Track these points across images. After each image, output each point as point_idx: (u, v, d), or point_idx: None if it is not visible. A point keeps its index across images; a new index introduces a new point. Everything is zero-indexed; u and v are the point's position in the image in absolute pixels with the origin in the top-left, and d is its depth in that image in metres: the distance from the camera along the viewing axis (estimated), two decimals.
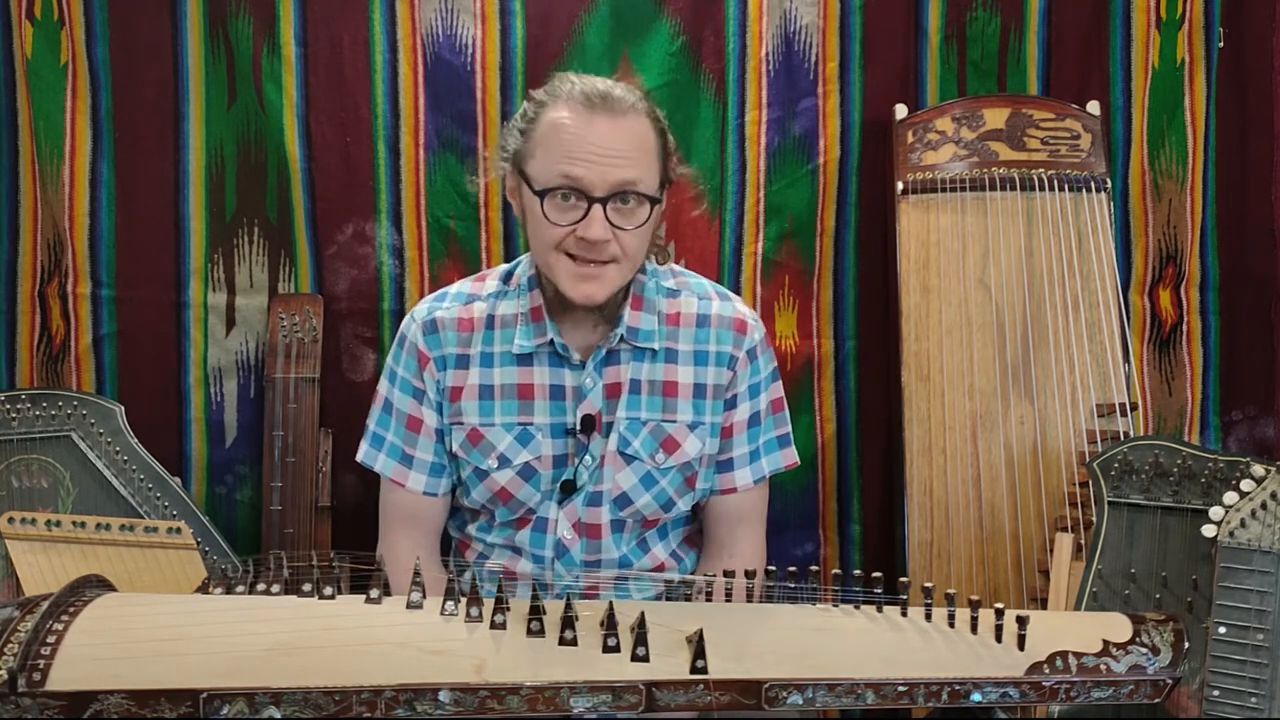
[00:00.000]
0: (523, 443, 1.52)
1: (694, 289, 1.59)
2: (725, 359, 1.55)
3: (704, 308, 1.57)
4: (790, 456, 1.63)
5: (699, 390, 1.54)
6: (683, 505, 1.57)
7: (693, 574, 1.64)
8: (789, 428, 1.63)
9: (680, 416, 1.54)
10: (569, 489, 1.53)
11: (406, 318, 1.59)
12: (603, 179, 1.38)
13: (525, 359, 1.53)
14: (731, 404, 1.57)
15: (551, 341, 1.51)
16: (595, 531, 1.55)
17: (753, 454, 1.59)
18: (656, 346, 1.53)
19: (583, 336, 1.53)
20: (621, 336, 1.51)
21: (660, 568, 1.60)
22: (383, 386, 1.59)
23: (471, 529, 1.61)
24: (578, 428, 1.51)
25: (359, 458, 1.60)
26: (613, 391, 1.53)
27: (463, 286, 1.60)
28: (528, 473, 1.53)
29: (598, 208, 1.38)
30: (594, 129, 1.38)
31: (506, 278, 1.59)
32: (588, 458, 1.52)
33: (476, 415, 1.53)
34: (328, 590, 1.15)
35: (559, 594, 1.51)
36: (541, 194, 1.40)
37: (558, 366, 1.53)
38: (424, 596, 1.13)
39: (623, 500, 1.54)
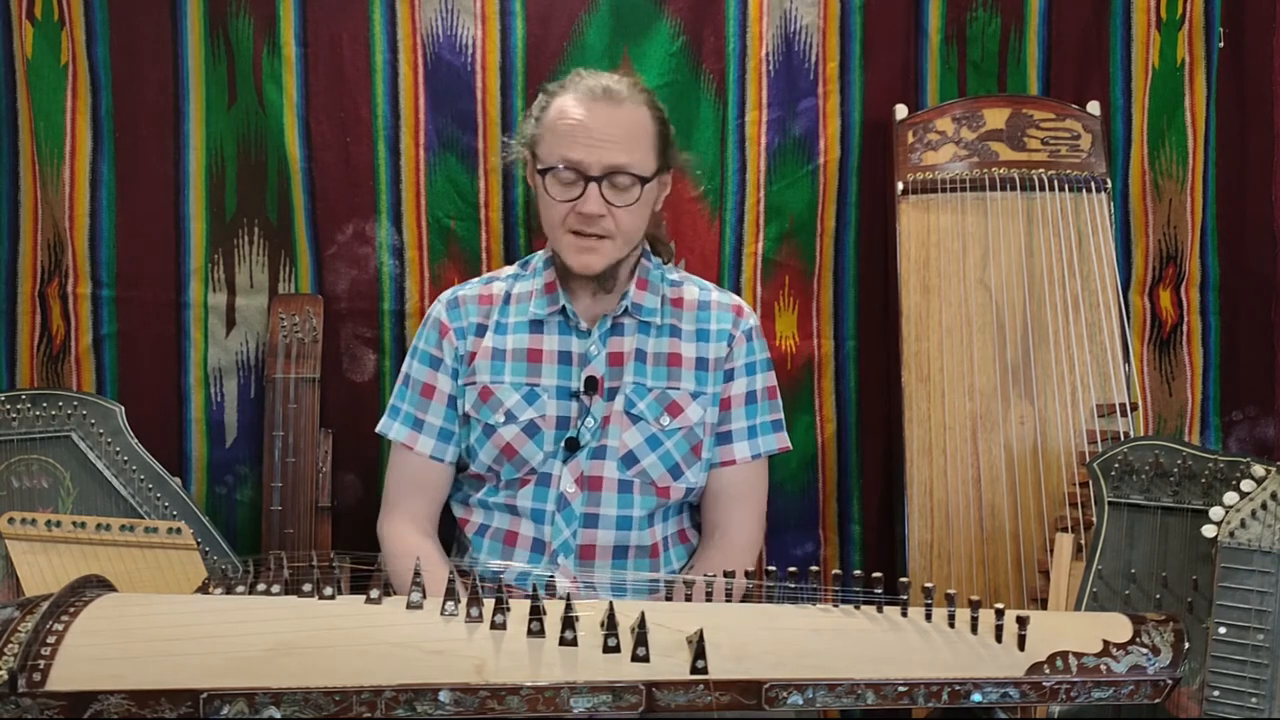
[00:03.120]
0: (529, 401, 1.63)
1: (695, 282, 1.75)
2: (724, 335, 1.68)
3: (704, 295, 1.72)
4: (783, 440, 1.72)
5: (701, 363, 1.67)
6: (691, 475, 1.64)
7: (689, 561, 1.69)
8: (782, 415, 1.73)
9: (684, 385, 1.65)
10: (572, 446, 1.61)
11: (434, 302, 1.73)
12: (598, 160, 1.54)
13: (537, 325, 1.66)
14: (729, 376, 1.68)
15: (563, 309, 1.65)
16: (597, 484, 1.62)
17: (750, 430, 1.68)
18: (659, 321, 1.67)
19: (590, 307, 1.66)
20: (626, 309, 1.65)
21: (654, 549, 1.64)
22: (406, 364, 1.72)
23: (474, 497, 1.68)
24: (581, 389, 1.61)
25: (377, 429, 1.71)
26: (615, 360, 1.65)
27: (484, 275, 1.77)
28: (532, 430, 1.61)
29: (594, 185, 1.54)
30: (594, 116, 1.55)
31: (524, 265, 1.75)
32: (589, 419, 1.60)
33: (488, 374, 1.65)
34: (328, 590, 1.15)
35: (554, 553, 1.59)
36: (544, 172, 1.57)
37: (566, 334, 1.66)
38: (424, 596, 1.13)
39: (629, 459, 1.61)
